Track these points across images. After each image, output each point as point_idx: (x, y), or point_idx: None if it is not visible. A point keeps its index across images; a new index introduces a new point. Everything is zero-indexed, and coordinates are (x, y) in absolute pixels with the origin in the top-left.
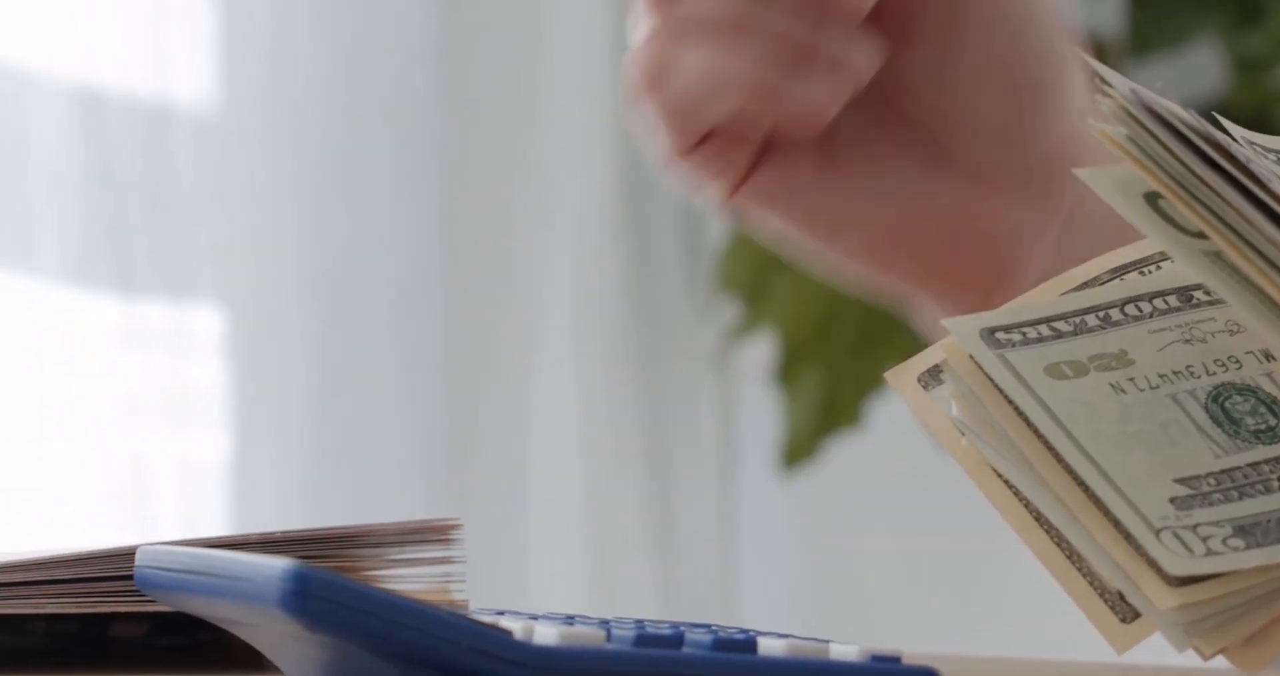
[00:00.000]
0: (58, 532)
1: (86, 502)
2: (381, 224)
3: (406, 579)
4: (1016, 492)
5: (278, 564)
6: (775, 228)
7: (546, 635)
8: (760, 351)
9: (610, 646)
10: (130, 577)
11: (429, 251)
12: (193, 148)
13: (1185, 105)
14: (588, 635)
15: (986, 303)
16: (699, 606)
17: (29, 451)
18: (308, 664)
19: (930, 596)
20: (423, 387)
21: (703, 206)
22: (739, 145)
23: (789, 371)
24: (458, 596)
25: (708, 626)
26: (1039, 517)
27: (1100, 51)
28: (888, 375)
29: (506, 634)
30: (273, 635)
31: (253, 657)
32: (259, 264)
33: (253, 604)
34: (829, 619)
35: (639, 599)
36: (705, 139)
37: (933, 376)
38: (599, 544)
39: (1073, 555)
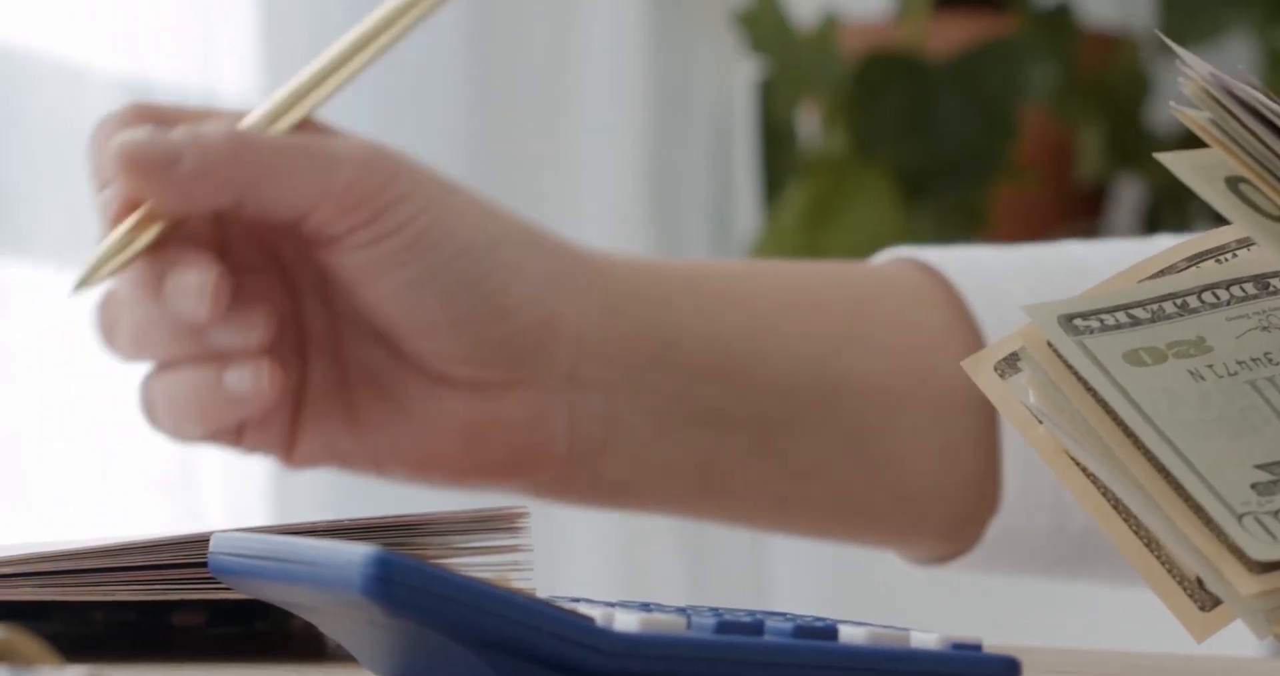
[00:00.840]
0: (109, 525)
1: (136, 495)
2: None
3: (473, 567)
4: (1094, 480)
5: (359, 549)
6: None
7: (628, 622)
8: None
9: (692, 634)
10: (199, 565)
11: None
12: None
13: None
14: (669, 622)
15: (562, 483)
16: (729, 598)
17: (82, 443)
18: (384, 650)
19: (960, 589)
20: None
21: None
22: (267, 425)
23: None
24: (524, 585)
25: (783, 614)
26: (1116, 505)
27: (1133, 47)
28: (964, 363)
29: (589, 620)
30: (349, 622)
31: (312, 646)
32: None
33: (332, 590)
34: (858, 611)
35: (669, 590)
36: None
37: (1009, 364)
38: (628, 536)
39: (1151, 543)
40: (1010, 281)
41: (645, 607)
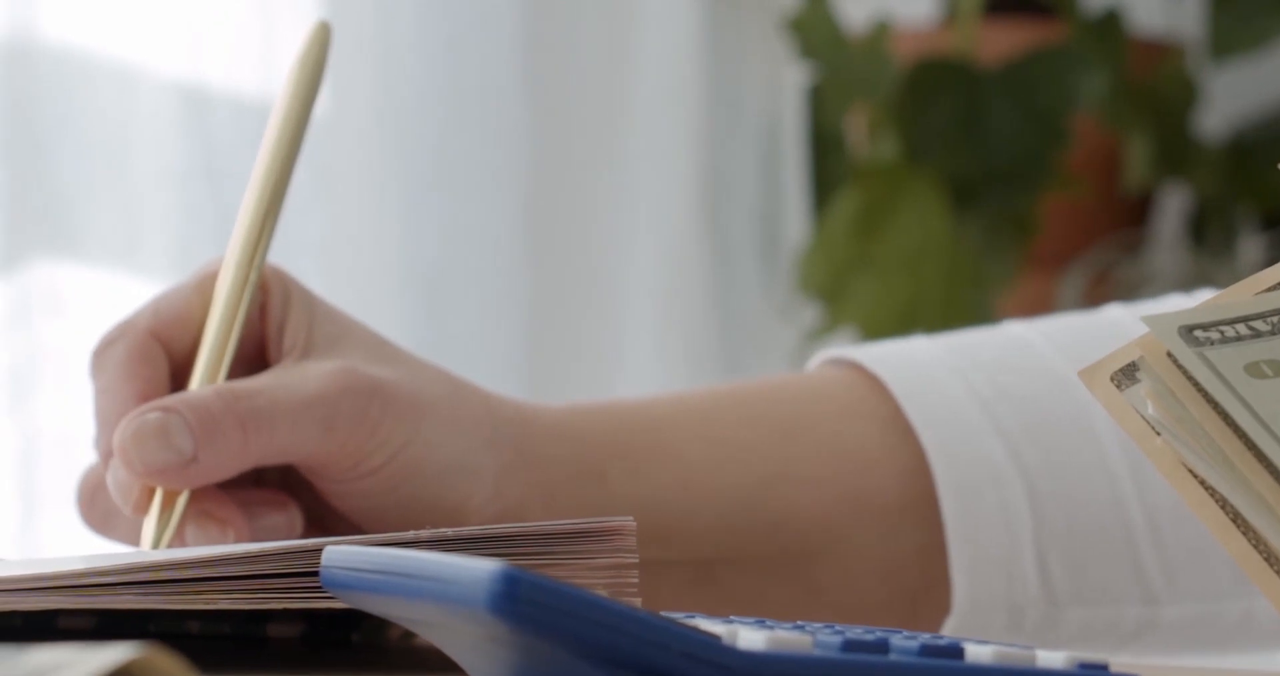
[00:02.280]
0: None
1: None
2: (473, 225)
3: (576, 579)
4: (1213, 493)
5: (484, 566)
6: None
7: (753, 640)
8: None
9: (819, 652)
10: (299, 574)
11: (515, 251)
12: None
13: (1265, 108)
14: (796, 641)
15: None
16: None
17: None
18: (502, 666)
19: None
20: (509, 384)
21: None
22: None
23: None
24: (630, 599)
25: (900, 632)
26: (1236, 518)
27: (1180, 55)
28: (1080, 374)
29: (716, 639)
30: (464, 636)
31: (408, 658)
32: (360, 259)
33: (456, 606)
34: None
35: None
36: None
37: (1126, 375)
38: None
39: (1270, 557)
40: (945, 377)
41: (763, 624)
